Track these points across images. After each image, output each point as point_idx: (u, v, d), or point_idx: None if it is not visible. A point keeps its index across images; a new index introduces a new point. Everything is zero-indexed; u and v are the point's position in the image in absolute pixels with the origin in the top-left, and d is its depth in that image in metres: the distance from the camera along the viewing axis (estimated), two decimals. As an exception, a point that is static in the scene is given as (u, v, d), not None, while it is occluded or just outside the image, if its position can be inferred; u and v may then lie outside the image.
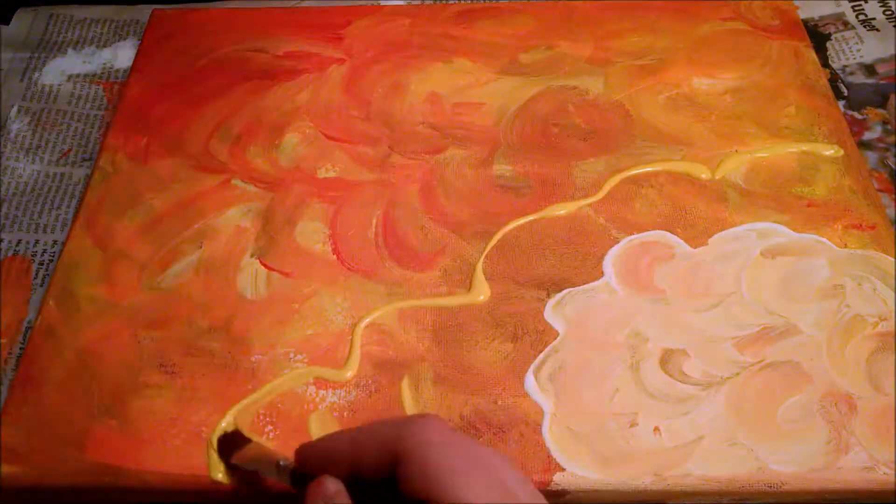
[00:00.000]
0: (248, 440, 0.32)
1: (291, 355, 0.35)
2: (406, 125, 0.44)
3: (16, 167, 0.47)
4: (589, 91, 0.45)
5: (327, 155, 0.43)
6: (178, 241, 0.39)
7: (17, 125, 0.49)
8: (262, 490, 0.32)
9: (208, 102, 0.46)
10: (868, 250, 0.38)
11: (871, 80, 0.49)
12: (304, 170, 0.42)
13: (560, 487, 0.31)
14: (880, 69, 0.49)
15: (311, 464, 0.27)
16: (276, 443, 0.33)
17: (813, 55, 0.46)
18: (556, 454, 0.32)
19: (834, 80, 0.49)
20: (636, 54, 0.47)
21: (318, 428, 0.33)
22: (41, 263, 0.42)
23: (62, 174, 0.46)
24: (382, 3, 0.54)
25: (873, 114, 0.47)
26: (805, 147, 0.42)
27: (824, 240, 0.38)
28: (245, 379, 0.35)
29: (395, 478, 0.24)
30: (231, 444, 0.32)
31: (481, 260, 0.38)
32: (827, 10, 0.53)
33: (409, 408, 0.34)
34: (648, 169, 0.41)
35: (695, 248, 0.38)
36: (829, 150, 0.42)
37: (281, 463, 0.28)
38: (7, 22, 0.55)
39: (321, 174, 0.42)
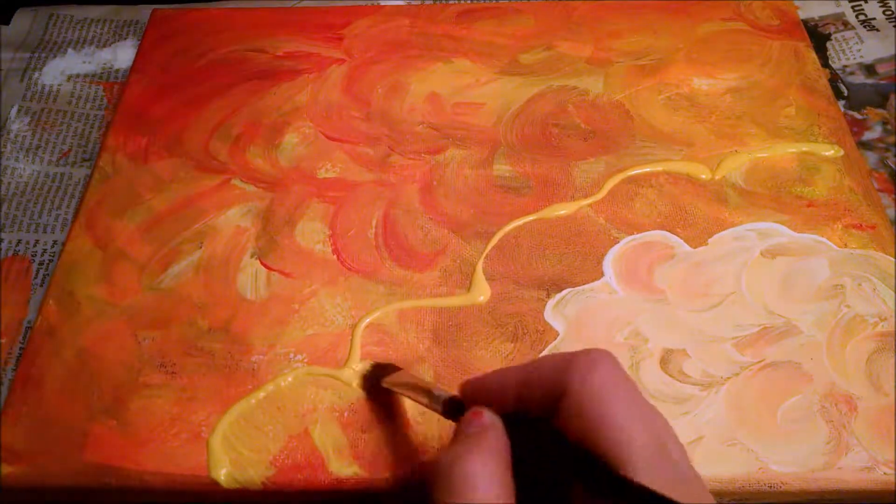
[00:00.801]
0: (401, 368, 0.33)
1: (291, 355, 0.35)
2: (406, 125, 0.44)
3: (16, 167, 0.47)
4: (589, 91, 0.45)
5: (327, 155, 0.43)
6: (178, 241, 0.39)
7: (17, 125, 0.49)
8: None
9: (208, 102, 0.46)
10: (868, 250, 0.38)
11: (871, 80, 0.49)
12: (303, 170, 0.42)
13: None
14: (880, 69, 0.49)
15: (477, 397, 0.26)
16: (275, 443, 0.33)
17: (813, 55, 0.46)
18: (556, 454, 0.32)
19: (834, 80, 0.49)
20: (636, 54, 0.47)
21: (320, 430, 0.33)
22: (41, 263, 0.43)
23: (62, 174, 0.46)
24: (382, 3, 0.54)
25: (873, 114, 0.47)
26: (805, 147, 0.42)
27: (824, 240, 0.38)
28: (245, 379, 0.35)
29: (556, 414, 0.23)
30: (383, 369, 0.34)
31: (481, 260, 0.38)
32: (827, 10, 0.53)
33: (410, 408, 0.34)
34: (648, 169, 0.41)
35: (695, 248, 0.38)
36: (829, 151, 0.42)
37: (435, 392, 0.28)
38: (7, 22, 0.55)
39: (321, 174, 0.42)
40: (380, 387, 0.33)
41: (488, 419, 0.24)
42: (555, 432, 0.24)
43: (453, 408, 0.27)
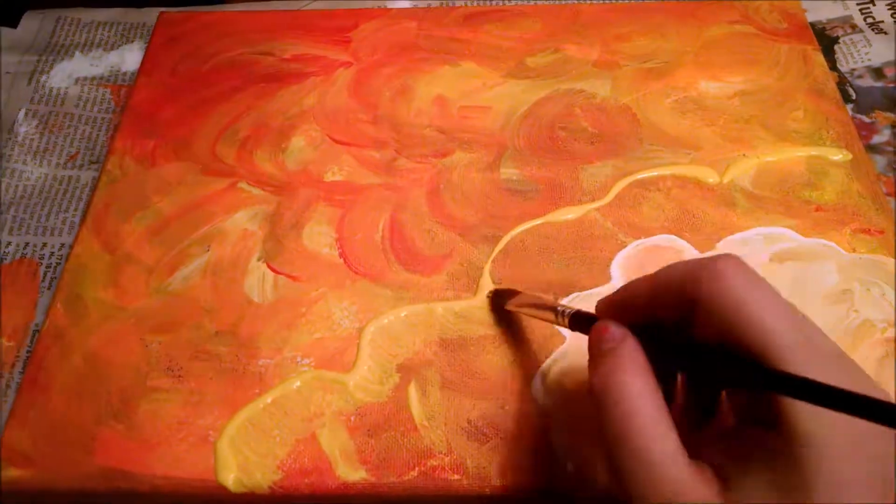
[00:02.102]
0: (521, 292, 0.35)
1: (298, 359, 0.35)
2: (413, 129, 0.44)
3: (23, 170, 0.47)
4: (596, 94, 0.45)
5: (334, 158, 0.43)
6: (186, 244, 0.39)
7: (25, 128, 0.49)
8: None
9: (215, 106, 0.46)
10: (876, 255, 0.38)
11: (879, 84, 0.49)
12: (311, 173, 0.42)
13: (568, 492, 0.31)
14: (888, 72, 0.49)
15: (607, 311, 0.27)
16: (283, 447, 0.33)
17: (821, 58, 0.46)
18: (565, 459, 0.32)
19: (842, 83, 0.49)
20: (643, 57, 0.47)
21: (327, 434, 0.33)
22: (49, 266, 0.43)
23: (70, 177, 0.47)
24: (389, 6, 0.54)
25: (882, 117, 0.47)
26: (813, 151, 0.42)
27: (832, 244, 0.38)
28: (252, 383, 0.35)
29: (689, 324, 0.24)
30: (504, 294, 0.35)
31: (488, 264, 0.38)
32: (835, 12, 0.53)
33: (417, 413, 0.34)
34: (656, 173, 0.41)
35: (703, 252, 0.38)
36: (838, 154, 0.41)
37: (559, 308, 0.29)
38: (15, 25, 0.55)
39: (328, 178, 0.42)
40: (503, 311, 0.35)
41: (618, 332, 0.25)
42: (691, 340, 0.24)
43: (579, 321, 0.28)
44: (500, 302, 0.36)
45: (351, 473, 0.32)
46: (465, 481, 0.32)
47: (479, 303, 0.37)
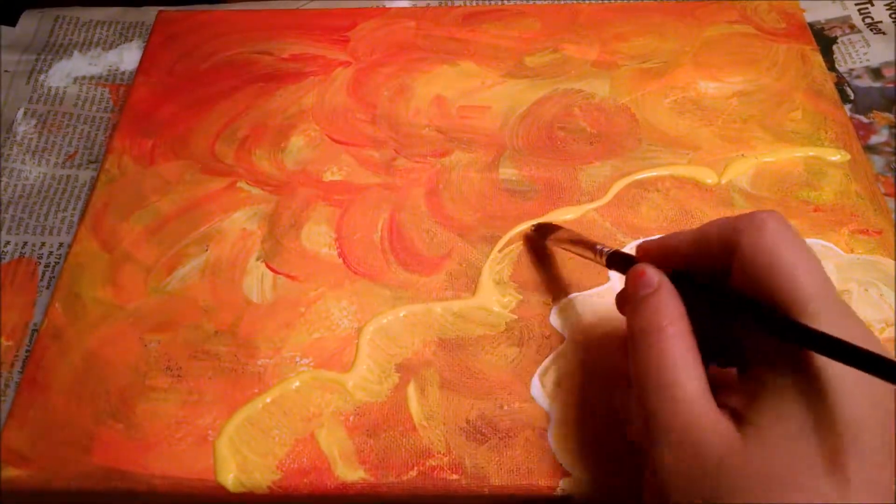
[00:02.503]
0: (562, 227, 0.36)
1: (297, 359, 0.35)
2: (412, 128, 0.44)
3: (22, 169, 0.47)
4: (595, 94, 0.45)
5: (333, 158, 0.43)
6: (184, 244, 0.39)
7: (24, 127, 0.49)
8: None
9: (214, 105, 0.46)
10: (875, 256, 0.38)
11: (877, 84, 0.49)
12: (309, 173, 0.42)
13: (566, 493, 0.31)
14: (887, 73, 0.49)
15: (649, 256, 0.28)
16: (282, 447, 0.33)
17: (819, 59, 0.46)
18: (562, 459, 0.32)
19: (840, 83, 0.49)
20: (642, 57, 0.47)
21: (326, 434, 0.33)
22: (47, 266, 0.43)
23: (68, 176, 0.46)
24: (388, 6, 0.54)
25: (880, 117, 0.47)
26: (811, 151, 0.42)
27: (831, 245, 0.38)
28: (251, 382, 0.35)
29: (725, 274, 0.25)
30: (547, 229, 0.37)
31: (487, 264, 0.38)
32: (833, 13, 0.53)
33: (415, 413, 0.34)
34: (654, 173, 0.41)
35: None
36: (836, 155, 0.42)
37: (598, 246, 0.30)
38: (13, 24, 0.55)
39: (327, 177, 0.42)
40: (542, 246, 0.37)
41: (655, 277, 0.26)
42: (727, 287, 0.25)
43: (616, 261, 0.29)
44: (541, 237, 0.37)
45: (350, 473, 0.32)
46: (463, 481, 0.32)
47: (478, 302, 0.37)
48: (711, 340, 0.26)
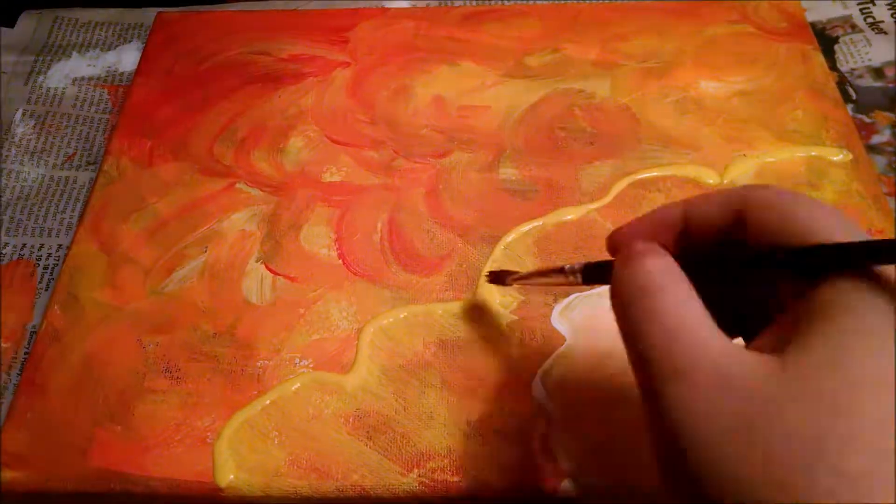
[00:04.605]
0: (515, 271, 0.33)
1: (297, 360, 0.35)
2: (411, 129, 0.44)
3: (21, 171, 0.46)
4: (595, 94, 0.45)
5: (332, 159, 0.43)
6: (183, 245, 0.39)
7: (22, 129, 0.49)
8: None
9: (213, 106, 0.45)
10: (877, 255, 0.37)
11: (879, 84, 0.49)
12: (309, 174, 0.42)
13: (569, 494, 0.31)
14: (888, 72, 0.49)
15: (628, 238, 0.24)
16: (280, 449, 0.33)
17: (821, 58, 0.46)
18: (564, 460, 0.32)
19: (842, 83, 0.49)
20: (642, 57, 0.47)
21: (325, 435, 0.33)
22: (46, 268, 0.42)
23: (67, 178, 0.46)
24: (387, 6, 0.54)
25: (881, 117, 0.47)
26: (813, 151, 0.42)
27: (833, 244, 0.38)
28: (250, 384, 0.35)
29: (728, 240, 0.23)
30: (500, 276, 0.34)
31: (488, 264, 0.38)
32: (835, 12, 0.53)
33: (416, 414, 0.33)
34: (655, 173, 0.41)
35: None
36: (838, 155, 0.41)
37: (566, 267, 0.27)
38: (11, 25, 0.55)
39: (326, 178, 0.42)
40: (507, 286, 0.35)
41: (642, 246, 0.23)
42: (729, 256, 0.23)
43: (594, 273, 0.26)
44: (501, 281, 0.34)
45: (349, 475, 0.32)
46: (464, 483, 0.32)
47: (478, 303, 0.37)
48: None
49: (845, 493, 0.17)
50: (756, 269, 0.22)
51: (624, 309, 0.22)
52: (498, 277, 0.34)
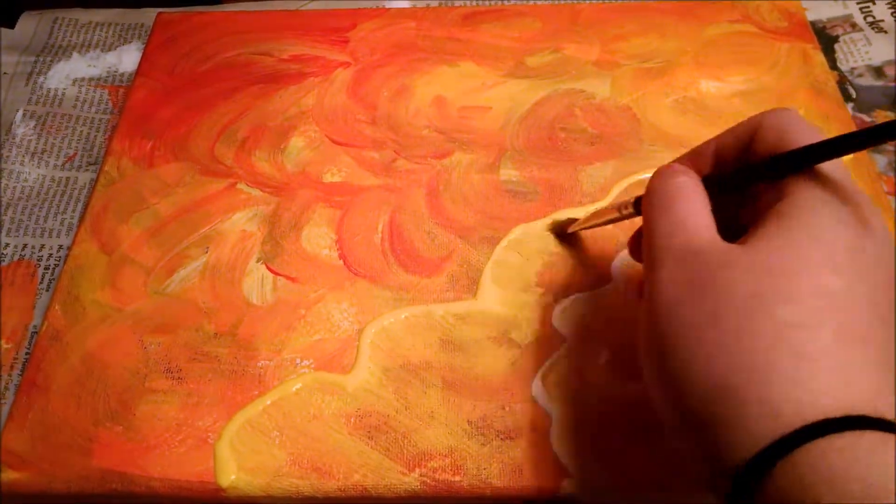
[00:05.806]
0: (575, 219, 0.37)
1: (298, 361, 0.35)
2: (412, 129, 0.44)
3: (21, 171, 0.47)
4: (596, 94, 0.45)
5: (333, 159, 0.43)
6: (184, 245, 0.39)
7: (23, 129, 0.49)
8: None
9: (213, 106, 0.45)
10: (878, 255, 0.37)
11: (879, 83, 0.49)
12: (309, 174, 0.42)
13: (569, 494, 0.31)
14: (889, 71, 0.49)
15: (669, 164, 0.29)
16: (282, 449, 0.33)
17: (821, 57, 0.46)
18: (565, 460, 0.32)
19: (842, 82, 0.49)
20: (643, 57, 0.47)
21: (326, 436, 0.33)
22: (47, 268, 0.42)
23: (67, 178, 0.46)
24: (387, 6, 0.54)
25: (882, 116, 0.47)
26: (814, 150, 0.41)
27: (834, 244, 0.38)
28: (251, 385, 0.35)
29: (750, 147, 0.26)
30: (562, 225, 0.38)
31: (488, 265, 0.38)
32: (835, 11, 0.53)
33: (417, 414, 0.33)
34: (656, 173, 0.41)
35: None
36: (838, 154, 0.41)
37: (618, 202, 0.32)
38: (12, 26, 0.55)
39: (327, 178, 0.42)
40: (569, 236, 0.38)
41: (678, 165, 0.28)
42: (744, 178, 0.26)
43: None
44: (561, 231, 0.38)
45: (350, 475, 0.32)
46: (465, 483, 0.32)
47: (479, 304, 0.37)
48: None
49: (783, 339, 0.21)
50: (744, 182, 0.26)
51: (650, 210, 0.26)
52: (559, 227, 0.38)
